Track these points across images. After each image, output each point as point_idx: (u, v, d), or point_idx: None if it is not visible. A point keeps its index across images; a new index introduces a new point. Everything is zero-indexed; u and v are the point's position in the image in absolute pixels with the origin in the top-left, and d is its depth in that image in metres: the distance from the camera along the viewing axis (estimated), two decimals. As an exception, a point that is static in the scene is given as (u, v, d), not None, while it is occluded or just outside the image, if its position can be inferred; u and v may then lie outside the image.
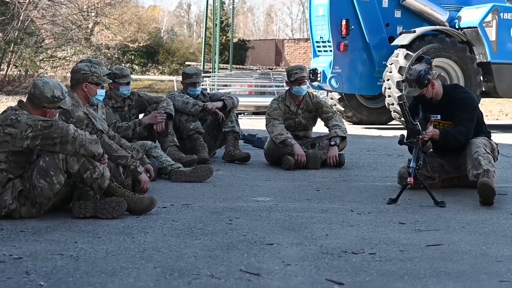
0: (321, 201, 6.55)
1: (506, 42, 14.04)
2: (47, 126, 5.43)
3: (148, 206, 5.80)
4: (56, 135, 5.42)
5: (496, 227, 5.43)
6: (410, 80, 6.91)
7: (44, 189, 5.48)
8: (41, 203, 5.54)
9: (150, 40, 43.21)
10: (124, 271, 4.14)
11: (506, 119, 19.21)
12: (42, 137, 5.43)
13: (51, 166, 5.47)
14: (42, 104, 5.62)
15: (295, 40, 47.12)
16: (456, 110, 6.90)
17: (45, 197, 5.51)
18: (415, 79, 6.86)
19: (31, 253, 4.53)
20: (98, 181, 5.60)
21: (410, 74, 6.91)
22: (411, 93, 6.94)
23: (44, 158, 5.49)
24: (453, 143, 6.84)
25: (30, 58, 28.64)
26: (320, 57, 15.10)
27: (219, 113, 9.09)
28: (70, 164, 5.49)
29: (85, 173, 5.55)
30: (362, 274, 4.12)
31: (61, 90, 5.70)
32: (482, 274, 4.14)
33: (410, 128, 6.63)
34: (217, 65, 25.23)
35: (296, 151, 8.52)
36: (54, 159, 5.47)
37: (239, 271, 4.16)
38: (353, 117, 15.55)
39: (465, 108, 6.93)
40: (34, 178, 5.48)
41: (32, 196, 5.51)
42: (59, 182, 5.51)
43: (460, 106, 6.92)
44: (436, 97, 6.99)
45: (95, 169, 5.58)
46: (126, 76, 8.54)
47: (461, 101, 6.95)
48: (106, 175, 5.66)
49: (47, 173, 5.47)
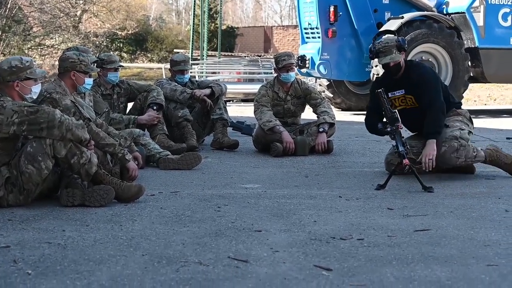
0: (310, 187, 6.55)
1: (493, 27, 14.07)
2: (33, 112, 5.41)
3: (136, 193, 5.79)
4: (43, 120, 5.41)
5: (484, 212, 5.45)
6: (389, 47, 6.88)
7: (32, 174, 5.46)
8: (28, 190, 5.53)
9: (138, 28, 43.05)
10: (112, 259, 4.14)
11: (494, 104, 19.26)
12: (29, 123, 5.41)
13: (38, 151, 5.45)
14: (5, 79, 5.59)
15: (283, 27, 47.02)
16: (420, 87, 6.89)
17: (33, 183, 5.50)
18: (395, 45, 6.87)
19: (18, 241, 4.52)
20: (86, 166, 5.58)
21: (387, 43, 6.91)
22: (394, 59, 6.87)
23: (32, 144, 5.47)
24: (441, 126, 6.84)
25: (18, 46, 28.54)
26: (309, 44, 15.10)
27: (207, 101, 9.08)
28: (57, 149, 5.48)
29: (72, 158, 5.53)
30: (350, 260, 4.12)
31: (21, 60, 5.67)
32: (470, 258, 4.15)
33: (389, 116, 6.61)
34: (205, 53, 25.19)
35: (285, 138, 8.52)
36: (41, 144, 5.45)
37: (227, 258, 4.16)
38: (341, 104, 15.56)
39: (428, 83, 6.94)
40: (22, 164, 5.46)
41: (19, 182, 5.49)
42: (47, 167, 5.49)
43: (423, 82, 6.92)
44: (400, 71, 6.98)
45: (82, 155, 5.57)
46: (113, 62, 8.53)
47: (422, 77, 6.95)
48: (94, 161, 5.64)
49: (35, 159, 5.45)
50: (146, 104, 8.57)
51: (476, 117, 14.33)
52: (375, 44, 7.03)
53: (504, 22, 14.08)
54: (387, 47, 6.90)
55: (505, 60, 14.22)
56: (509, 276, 3.81)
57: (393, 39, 6.95)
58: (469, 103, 18.90)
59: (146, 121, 8.39)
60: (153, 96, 8.53)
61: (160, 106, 8.54)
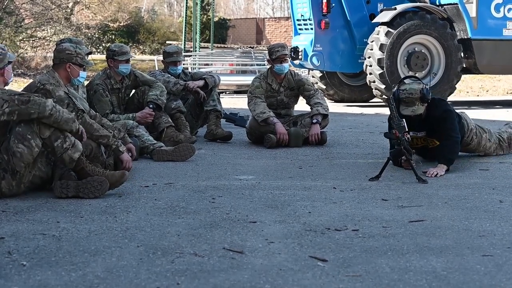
0: (304, 178, 6.55)
1: (486, 18, 14.06)
2: (24, 101, 5.41)
3: (119, 179, 5.75)
4: (33, 111, 5.41)
5: (478, 202, 5.45)
6: (412, 99, 6.80)
7: (23, 153, 5.45)
8: (21, 173, 5.51)
9: (130, 20, 42.91)
10: (107, 250, 4.13)
11: (486, 95, 19.28)
12: (19, 113, 5.41)
13: (27, 130, 5.46)
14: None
15: (275, 19, 46.94)
16: (439, 124, 6.90)
17: (24, 162, 5.48)
18: (419, 97, 6.80)
19: (13, 233, 4.51)
20: (69, 151, 5.56)
21: (411, 93, 6.80)
22: (416, 111, 6.81)
23: (20, 125, 5.48)
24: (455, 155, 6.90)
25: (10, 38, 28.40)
26: (301, 35, 15.08)
27: (200, 92, 9.06)
28: (42, 130, 5.48)
29: (56, 142, 5.52)
30: (346, 251, 4.12)
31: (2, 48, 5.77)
32: (465, 248, 4.16)
33: (396, 124, 6.58)
34: (198, 44, 25.11)
35: (278, 130, 8.51)
36: (29, 124, 5.46)
37: (222, 249, 4.16)
38: (334, 95, 15.55)
39: (448, 120, 6.94)
40: (13, 145, 5.45)
41: (11, 165, 5.47)
42: (37, 145, 5.49)
43: (441, 120, 6.92)
44: (421, 117, 6.97)
45: (66, 139, 5.56)
46: (125, 53, 8.38)
47: (443, 114, 6.95)
48: (78, 147, 5.62)
49: (24, 137, 5.45)
50: (144, 99, 8.46)
51: (469, 108, 14.37)
52: (399, 91, 6.94)
53: (496, 13, 14.08)
54: (410, 99, 6.80)
55: (498, 51, 14.23)
56: (504, 266, 3.82)
57: (417, 90, 6.79)
58: (461, 94, 18.92)
59: (139, 118, 8.28)
60: (156, 95, 8.40)
61: (159, 107, 8.44)
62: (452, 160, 6.79)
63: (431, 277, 3.65)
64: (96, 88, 8.26)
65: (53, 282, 3.58)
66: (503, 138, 7.77)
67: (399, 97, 6.84)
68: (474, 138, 7.38)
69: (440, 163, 6.73)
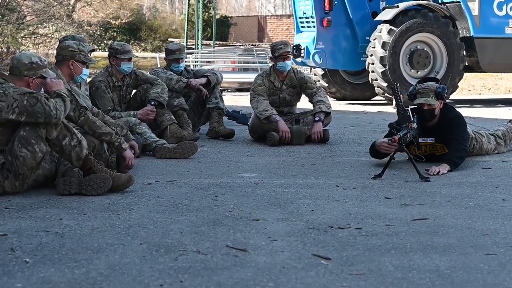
0: (306, 176, 6.54)
1: (489, 16, 14.04)
2: (32, 104, 5.40)
3: (126, 182, 5.76)
4: (40, 115, 5.40)
5: (481, 201, 5.45)
6: (428, 90, 6.88)
7: (26, 158, 5.45)
8: (24, 174, 5.51)
9: (132, 17, 42.91)
10: (110, 247, 4.13)
11: (488, 94, 19.25)
12: (27, 115, 5.41)
13: (32, 134, 5.45)
14: (22, 73, 5.63)
15: (277, 17, 46.92)
16: (449, 130, 6.91)
17: (27, 166, 5.48)
18: (434, 90, 6.86)
19: (16, 230, 4.51)
20: (77, 149, 5.56)
21: (427, 86, 6.91)
22: (429, 102, 6.86)
23: (25, 128, 5.47)
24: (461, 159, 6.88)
25: (11, 35, 28.39)
26: (303, 33, 15.06)
27: (203, 90, 9.05)
28: (49, 131, 5.47)
29: (64, 140, 5.52)
30: (349, 249, 4.12)
31: (40, 58, 5.75)
32: (468, 247, 4.16)
33: (401, 113, 6.58)
34: (200, 42, 25.10)
35: (281, 127, 8.50)
36: (34, 128, 5.45)
37: (225, 247, 4.15)
38: (336, 93, 15.53)
39: (460, 127, 6.99)
40: (16, 148, 5.44)
41: (14, 167, 5.47)
42: (41, 150, 5.48)
43: (453, 125, 6.95)
44: (434, 118, 6.97)
45: (73, 136, 5.56)
46: (127, 52, 8.40)
47: (453, 120, 6.99)
48: (84, 145, 5.62)
49: (28, 142, 5.44)
50: (146, 97, 8.45)
51: (471, 106, 14.35)
52: (416, 86, 7.00)
53: (499, 11, 14.05)
54: (425, 90, 6.88)
55: (500, 49, 14.21)
56: (507, 265, 3.82)
57: (434, 85, 6.92)
58: (463, 92, 18.90)
59: (141, 115, 8.26)
60: (157, 92, 8.39)
61: (161, 104, 8.43)
62: (457, 164, 6.78)
63: (434, 275, 3.64)
64: (98, 84, 8.27)
65: (56, 279, 3.57)
66: (498, 135, 7.84)
67: (415, 90, 6.95)
68: (475, 145, 7.47)
69: (444, 163, 6.72)
